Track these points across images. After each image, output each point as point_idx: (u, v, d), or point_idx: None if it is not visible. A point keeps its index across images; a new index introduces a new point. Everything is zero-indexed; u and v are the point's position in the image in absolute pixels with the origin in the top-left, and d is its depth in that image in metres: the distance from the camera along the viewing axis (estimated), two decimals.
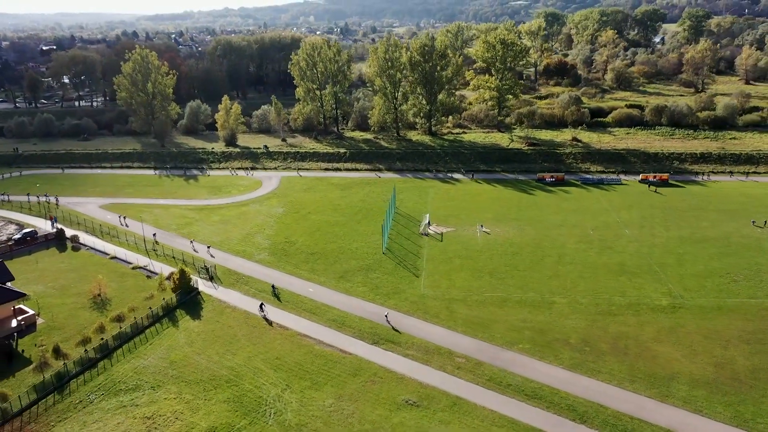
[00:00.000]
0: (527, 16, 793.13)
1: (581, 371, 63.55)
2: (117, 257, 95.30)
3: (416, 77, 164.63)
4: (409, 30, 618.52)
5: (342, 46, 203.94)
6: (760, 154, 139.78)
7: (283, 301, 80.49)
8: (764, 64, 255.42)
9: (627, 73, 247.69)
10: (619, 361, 65.15)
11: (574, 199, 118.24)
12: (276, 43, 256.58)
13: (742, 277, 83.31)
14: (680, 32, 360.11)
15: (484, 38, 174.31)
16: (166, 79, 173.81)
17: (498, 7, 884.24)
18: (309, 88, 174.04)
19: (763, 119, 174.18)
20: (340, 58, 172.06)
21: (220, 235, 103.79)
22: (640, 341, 68.67)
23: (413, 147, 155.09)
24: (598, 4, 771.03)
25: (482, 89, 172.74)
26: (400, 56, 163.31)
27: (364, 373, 64.35)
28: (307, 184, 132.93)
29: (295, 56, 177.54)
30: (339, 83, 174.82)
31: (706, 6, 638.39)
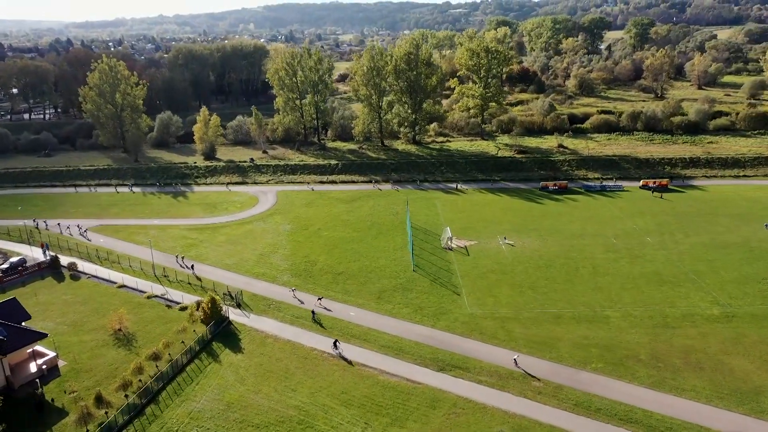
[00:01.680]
0: (468, 23, 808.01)
1: (665, 390, 61.68)
2: (126, 286, 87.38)
3: (401, 86, 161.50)
4: (356, 38, 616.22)
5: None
6: (745, 157, 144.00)
7: (327, 328, 75.28)
8: (714, 70, 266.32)
9: (589, 80, 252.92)
10: (697, 376, 63.66)
11: (584, 207, 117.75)
12: (238, 52, 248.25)
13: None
14: (627, 39, 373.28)
15: (468, 46, 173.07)
16: (136, 89, 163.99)
17: (438, 15, 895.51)
18: (289, 98, 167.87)
19: (732, 123, 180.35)
20: (321, 67, 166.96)
21: (233, 256, 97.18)
22: (710, 354, 67.53)
23: (403, 157, 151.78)
24: (534, 13, 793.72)
25: (466, 97, 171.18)
26: (386, 64, 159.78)
27: (443, 405, 60.32)
28: (307, 198, 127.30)
29: (274, 65, 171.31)
30: (320, 92, 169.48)
31: (637, 14, 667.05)
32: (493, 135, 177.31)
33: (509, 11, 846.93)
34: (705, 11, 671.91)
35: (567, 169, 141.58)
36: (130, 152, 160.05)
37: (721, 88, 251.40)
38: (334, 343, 69.41)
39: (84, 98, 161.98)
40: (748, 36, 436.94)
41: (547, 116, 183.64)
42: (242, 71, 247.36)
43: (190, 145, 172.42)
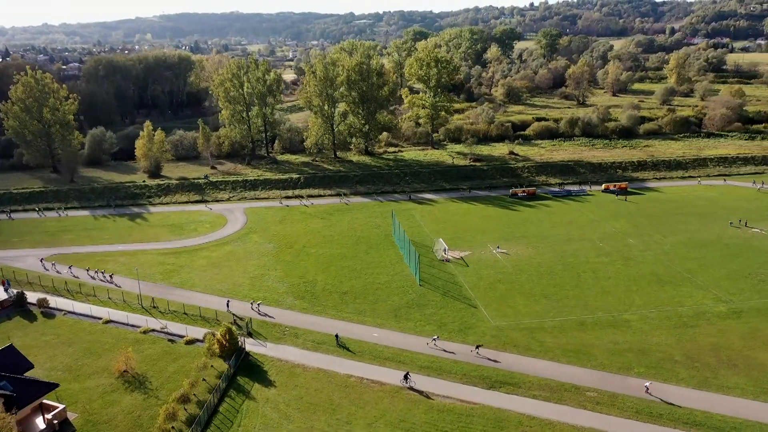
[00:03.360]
0: (373, 34, 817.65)
1: (711, 389, 63.10)
2: (114, 321, 78.77)
3: (353, 96, 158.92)
4: (266, 48, 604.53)
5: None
6: (686, 159, 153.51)
7: (356, 352, 71.26)
8: (624, 78, 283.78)
9: (516, 88, 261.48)
10: (734, 373, 65.70)
11: (559, 212, 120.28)
12: (162, 62, 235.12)
13: (763, 276, 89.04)
14: (537, 49, 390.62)
15: (417, 56, 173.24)
16: (66, 104, 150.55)
17: (344, 25, 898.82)
18: (235, 110, 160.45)
19: (659, 127, 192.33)
20: (269, 78, 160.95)
21: (223, 281, 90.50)
22: (736, 350, 70.03)
23: (362, 168, 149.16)
24: (436, 24, 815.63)
25: (416, 107, 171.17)
26: (338, 75, 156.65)
27: (509, 424, 58.41)
28: (278, 214, 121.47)
29: (219, 76, 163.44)
30: (268, 104, 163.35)
31: (534, 27, 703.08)
32: (441, 144, 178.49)
33: (412, 22, 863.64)
34: (594, 23, 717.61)
35: (528, 175, 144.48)
36: (63, 172, 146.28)
37: (632, 94, 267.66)
38: (405, 375, 65.11)
39: (6, 114, 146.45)
40: (638, 46, 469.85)
41: (491, 124, 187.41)
42: (166, 83, 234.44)
43: (127, 163, 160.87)
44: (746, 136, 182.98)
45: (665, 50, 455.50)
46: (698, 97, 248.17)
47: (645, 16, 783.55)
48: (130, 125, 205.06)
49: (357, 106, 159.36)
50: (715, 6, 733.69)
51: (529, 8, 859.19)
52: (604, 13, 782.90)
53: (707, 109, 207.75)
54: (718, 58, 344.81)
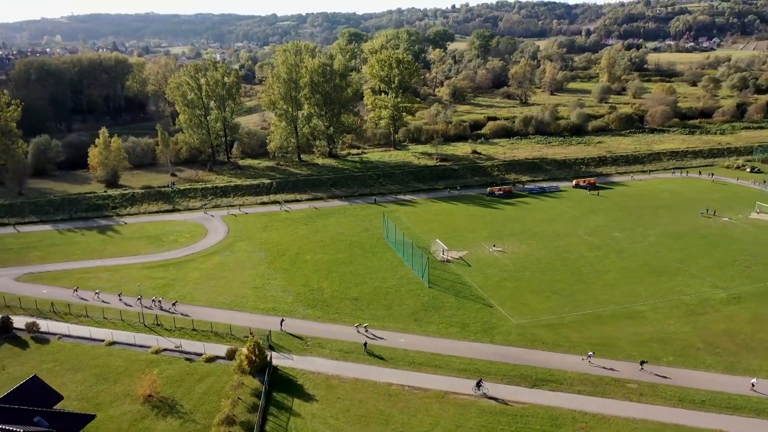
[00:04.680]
0: (297, 35, 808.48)
1: (740, 373, 65.86)
2: (118, 342, 73.18)
3: (317, 98, 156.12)
4: (191, 50, 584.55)
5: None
6: (641, 154, 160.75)
7: (387, 359, 69.59)
8: (560, 77, 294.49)
9: (461, 88, 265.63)
10: (754, 356, 68.93)
11: (539, 209, 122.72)
12: (97, 66, 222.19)
13: (747, 263, 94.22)
14: (471, 50, 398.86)
15: (378, 57, 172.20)
16: (9, 111, 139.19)
17: (267, 27, 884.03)
18: (193, 115, 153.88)
19: (606, 124, 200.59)
20: (228, 80, 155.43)
21: (224, 293, 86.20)
22: (748, 334, 73.56)
23: (334, 171, 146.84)
24: (361, 25, 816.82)
25: (379, 108, 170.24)
26: (301, 77, 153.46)
27: (564, 422, 58.65)
28: (259, 221, 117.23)
29: (176, 79, 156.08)
30: (227, 107, 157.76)
31: (458, 29, 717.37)
32: (403, 145, 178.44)
33: (336, 23, 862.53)
34: (515, 25, 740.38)
35: (498, 174, 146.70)
36: (10, 184, 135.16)
37: (568, 93, 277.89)
38: (478, 383, 63.59)
39: None
40: (560, 47, 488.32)
41: (449, 124, 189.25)
42: (103, 87, 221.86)
43: (77, 172, 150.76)
44: (686, 131, 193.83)
45: (585, 50, 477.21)
46: (630, 95, 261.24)
47: (561, 18, 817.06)
48: (67, 132, 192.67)
49: (321, 108, 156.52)
50: (624, 9, 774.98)
51: (451, 10, 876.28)
52: (523, 15, 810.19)
53: (645, 106, 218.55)
54: (640, 57, 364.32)
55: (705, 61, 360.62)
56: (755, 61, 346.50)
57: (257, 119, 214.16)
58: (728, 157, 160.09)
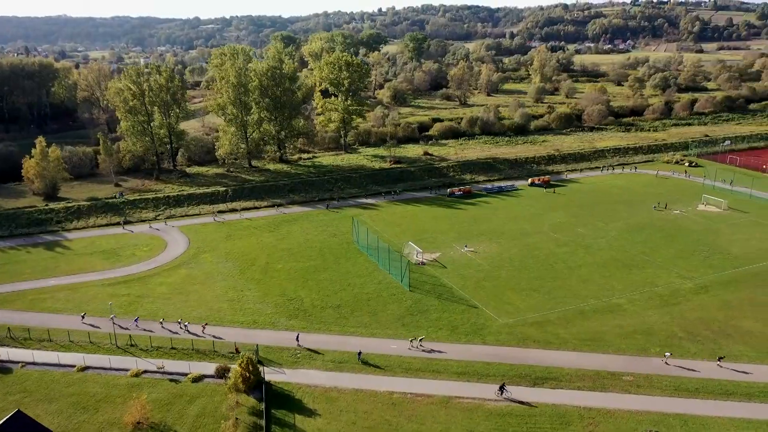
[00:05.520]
0: (223, 39, 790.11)
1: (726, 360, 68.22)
2: (91, 367, 68.03)
3: (267, 102, 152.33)
4: (112, 54, 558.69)
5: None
6: (586, 151, 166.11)
7: (383, 367, 68.08)
8: (496, 78, 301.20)
9: (402, 90, 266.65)
10: (734, 342, 72.11)
11: (501, 208, 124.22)
12: (19, 71, 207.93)
13: (705, 253, 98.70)
14: (405, 53, 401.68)
15: (327, 60, 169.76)
16: None
17: (190, 30, 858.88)
18: (136, 121, 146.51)
19: (548, 124, 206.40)
20: (173, 85, 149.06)
21: (197, 307, 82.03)
22: (722, 321, 76.85)
23: (289, 177, 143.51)
24: (289, 29, 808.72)
25: (329, 111, 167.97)
26: (250, 80, 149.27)
27: (571, 419, 59.15)
28: (220, 231, 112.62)
29: (117, 84, 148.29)
30: (172, 113, 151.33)
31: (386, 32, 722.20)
32: (353, 148, 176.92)
33: (262, 27, 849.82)
34: (442, 28, 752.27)
35: (454, 174, 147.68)
36: None
37: (504, 94, 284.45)
38: (501, 387, 62.56)
39: None
40: (488, 49, 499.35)
41: (398, 126, 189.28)
42: (27, 94, 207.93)
43: (7, 185, 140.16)
44: (622, 129, 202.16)
45: (512, 52, 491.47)
46: (563, 94, 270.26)
47: (484, 21, 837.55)
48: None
49: (271, 112, 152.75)
50: (544, 12, 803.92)
51: (378, 13, 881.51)
52: (449, 19, 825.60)
53: (580, 105, 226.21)
54: (567, 59, 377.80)
55: (626, 62, 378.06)
56: (672, 61, 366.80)
57: (196, 125, 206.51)
58: (666, 152, 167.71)
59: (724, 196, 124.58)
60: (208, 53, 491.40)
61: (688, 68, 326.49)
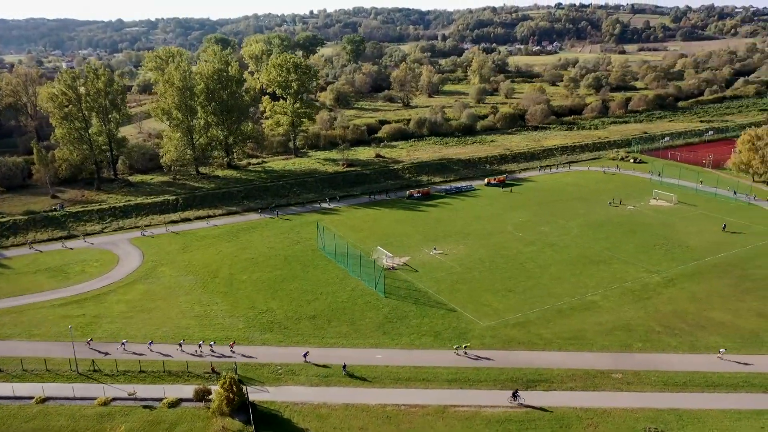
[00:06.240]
0: (149, 42, 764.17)
1: (702, 350, 70.09)
2: (52, 397, 62.16)
3: (213, 107, 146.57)
4: (29, 59, 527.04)
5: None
6: (535, 150, 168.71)
7: (371, 379, 65.52)
8: (437, 80, 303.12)
9: (345, 93, 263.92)
10: (709, 333, 73.70)
11: (462, 208, 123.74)
12: None
13: (665, 247, 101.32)
14: (343, 55, 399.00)
15: (274, 62, 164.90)
16: None
17: (113, 33, 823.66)
18: (72, 128, 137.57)
19: (494, 123, 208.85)
20: (112, 89, 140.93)
21: (162, 326, 76.87)
22: (694, 313, 78.55)
23: (241, 183, 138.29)
24: (218, 31, 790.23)
25: (277, 114, 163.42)
26: (196, 84, 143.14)
27: (570, 421, 58.57)
28: (176, 242, 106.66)
29: (50, 89, 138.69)
30: (112, 119, 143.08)
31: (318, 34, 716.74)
32: (302, 151, 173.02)
33: (190, 29, 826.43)
34: (374, 30, 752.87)
35: (410, 176, 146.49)
36: None
37: (445, 95, 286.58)
38: (514, 393, 60.75)
39: None
40: (423, 51, 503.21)
41: (347, 129, 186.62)
42: None
43: None
44: (564, 128, 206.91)
45: (446, 54, 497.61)
46: (503, 95, 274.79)
47: (416, 24, 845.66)
48: None
49: (218, 116, 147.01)
50: (473, 15, 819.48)
51: (309, 16, 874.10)
52: (381, 21, 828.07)
53: (522, 105, 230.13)
54: (502, 60, 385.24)
55: (558, 63, 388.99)
56: (600, 62, 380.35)
57: (133, 131, 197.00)
58: (610, 149, 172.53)
59: (671, 191, 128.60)
60: (136, 56, 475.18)
61: (617, 69, 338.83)
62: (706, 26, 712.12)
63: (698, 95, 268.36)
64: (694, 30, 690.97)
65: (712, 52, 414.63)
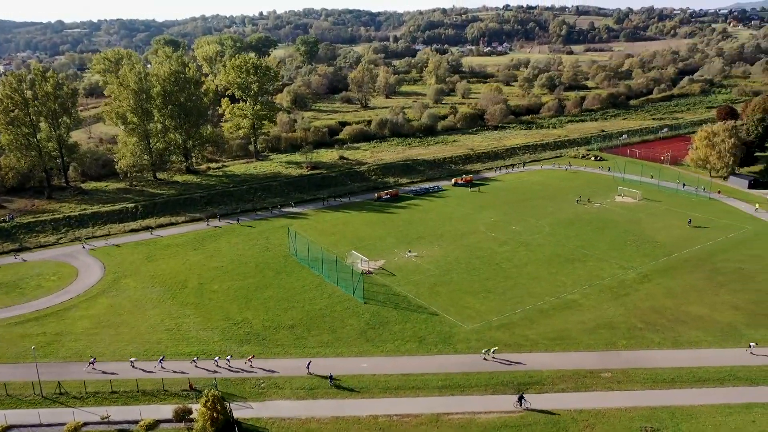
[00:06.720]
0: (92, 44, 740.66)
1: (686, 346, 70.45)
2: (15, 425, 57.59)
3: (171, 110, 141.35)
4: None
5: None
6: (499, 150, 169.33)
7: (359, 389, 63.26)
8: (393, 81, 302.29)
9: (302, 95, 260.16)
10: (690, 328, 74.31)
11: (432, 209, 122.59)
12: None
13: (636, 243, 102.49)
14: (296, 56, 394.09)
15: (233, 63, 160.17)
16: None
17: (54, 35, 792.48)
18: (19, 134, 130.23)
19: (454, 124, 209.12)
20: (62, 93, 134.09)
21: (131, 342, 72.61)
22: (672, 309, 79.23)
23: (201, 189, 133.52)
24: (166, 33, 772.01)
25: (237, 117, 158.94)
26: (152, 86, 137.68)
27: (566, 424, 57.74)
28: (139, 252, 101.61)
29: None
30: (62, 124, 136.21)
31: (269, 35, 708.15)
32: (263, 155, 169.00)
33: (135, 31, 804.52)
34: (326, 32, 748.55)
35: (376, 178, 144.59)
36: None
37: (402, 96, 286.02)
38: (520, 398, 59.13)
39: None
40: (376, 52, 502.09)
41: (308, 131, 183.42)
42: None
43: None
44: (523, 127, 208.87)
45: (399, 55, 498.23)
46: (460, 95, 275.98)
47: (367, 25, 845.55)
48: None
49: (176, 120, 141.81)
50: (423, 17, 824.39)
51: (259, 17, 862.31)
52: (332, 23, 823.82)
53: (481, 105, 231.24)
54: (456, 60, 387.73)
55: (510, 63, 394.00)
56: (552, 62, 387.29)
57: (82, 136, 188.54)
58: (571, 147, 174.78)
59: (635, 187, 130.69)
60: (79, 59, 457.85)
61: (568, 68, 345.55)
62: (647, 27, 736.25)
63: (647, 94, 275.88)
64: (637, 31, 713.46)
65: (656, 51, 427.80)
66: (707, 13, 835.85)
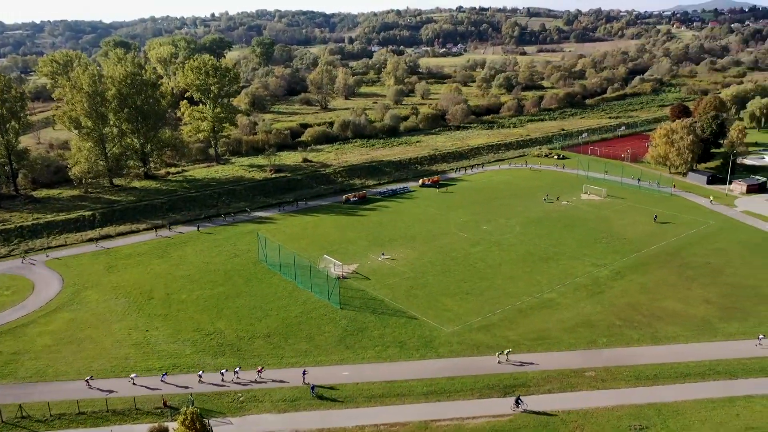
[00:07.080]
0: (36, 45, 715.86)
1: (664, 342, 71.07)
2: None
3: (127, 113, 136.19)
4: None
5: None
6: (463, 150, 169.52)
7: (343, 400, 61.30)
8: (353, 82, 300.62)
9: (261, 97, 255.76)
10: (666, 324, 74.98)
11: (401, 211, 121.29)
12: None
13: (606, 240, 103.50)
14: (252, 57, 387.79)
15: (192, 65, 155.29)
16: None
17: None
18: None
19: (416, 124, 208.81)
20: (9, 96, 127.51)
21: (97, 359, 68.70)
22: (647, 305, 79.97)
23: (161, 194, 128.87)
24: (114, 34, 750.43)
25: (196, 120, 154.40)
26: (107, 89, 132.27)
27: (555, 426, 57.28)
28: (98, 262, 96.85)
29: None
30: (10, 130, 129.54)
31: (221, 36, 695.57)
32: (224, 158, 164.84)
33: (82, 33, 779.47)
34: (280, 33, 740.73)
35: (342, 180, 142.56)
36: None
37: (361, 97, 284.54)
38: (517, 400, 57.93)
39: None
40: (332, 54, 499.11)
41: (270, 134, 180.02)
42: None
43: None
44: (485, 126, 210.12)
45: (354, 57, 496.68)
46: (419, 96, 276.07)
47: (321, 27, 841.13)
48: None
49: (133, 123, 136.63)
50: (378, 18, 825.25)
51: (211, 18, 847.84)
52: (285, 24, 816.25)
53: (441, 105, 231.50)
54: (413, 61, 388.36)
55: (467, 64, 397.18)
56: (507, 63, 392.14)
57: (30, 141, 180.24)
58: (533, 147, 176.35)
59: (599, 185, 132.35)
60: (23, 61, 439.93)
61: (524, 69, 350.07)
62: (596, 29, 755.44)
63: (602, 93, 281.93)
64: (586, 32, 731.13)
65: (606, 52, 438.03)
66: (651, 15, 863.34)
